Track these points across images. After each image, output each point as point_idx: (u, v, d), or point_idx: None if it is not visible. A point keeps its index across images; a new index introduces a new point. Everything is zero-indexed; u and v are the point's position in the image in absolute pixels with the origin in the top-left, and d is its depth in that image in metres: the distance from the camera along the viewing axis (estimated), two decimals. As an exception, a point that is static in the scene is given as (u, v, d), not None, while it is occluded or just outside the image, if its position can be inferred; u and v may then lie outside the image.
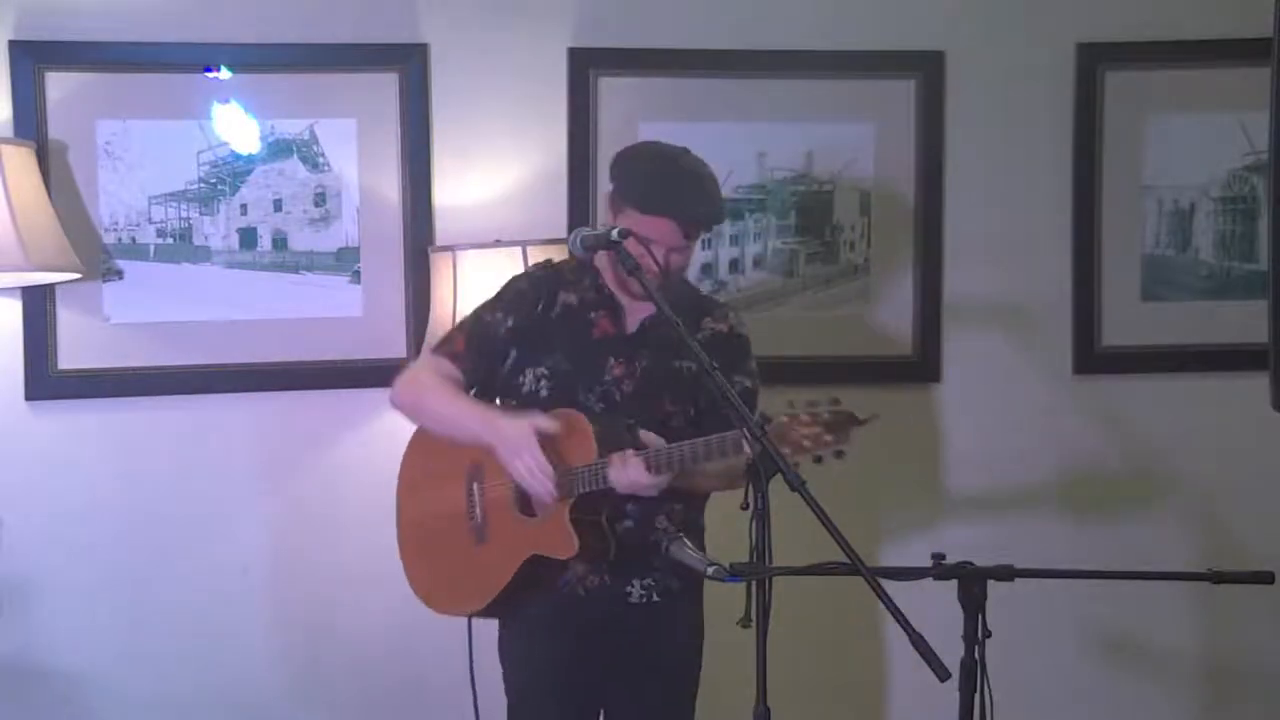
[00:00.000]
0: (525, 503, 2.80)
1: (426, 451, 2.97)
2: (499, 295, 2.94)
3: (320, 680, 3.59)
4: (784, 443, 2.36)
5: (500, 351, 2.89)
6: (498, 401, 2.98)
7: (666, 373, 2.86)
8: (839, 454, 2.42)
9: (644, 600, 2.86)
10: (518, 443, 2.69)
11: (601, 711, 2.98)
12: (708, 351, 2.52)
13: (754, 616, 2.24)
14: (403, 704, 3.62)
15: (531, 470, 2.68)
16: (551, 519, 2.74)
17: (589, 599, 2.84)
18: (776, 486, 2.28)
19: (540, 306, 2.87)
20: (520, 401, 2.87)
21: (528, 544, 2.78)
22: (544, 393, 2.84)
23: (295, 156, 3.54)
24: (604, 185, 3.49)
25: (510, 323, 2.88)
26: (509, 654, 2.96)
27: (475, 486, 2.88)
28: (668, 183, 2.80)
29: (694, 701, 2.97)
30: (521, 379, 2.87)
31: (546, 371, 2.85)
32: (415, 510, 3.01)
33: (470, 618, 2.91)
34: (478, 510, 2.88)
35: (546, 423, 2.70)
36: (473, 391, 2.91)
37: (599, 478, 2.66)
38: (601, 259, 2.84)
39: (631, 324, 2.88)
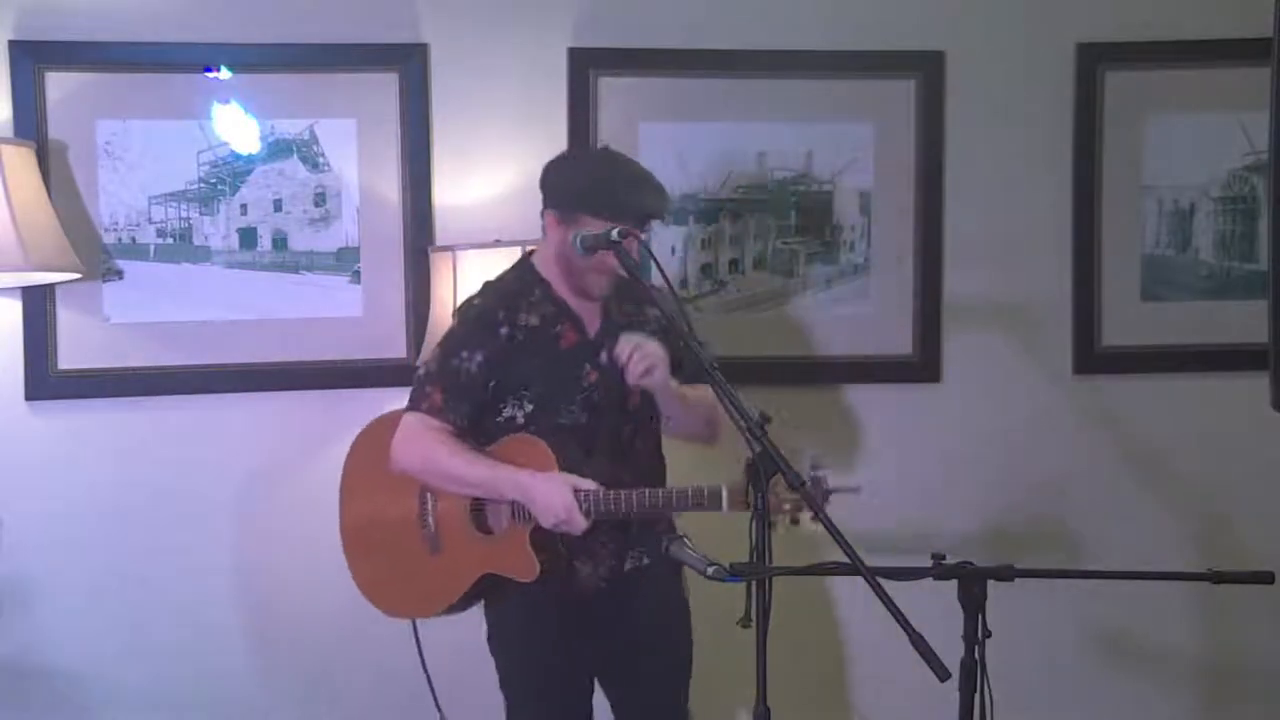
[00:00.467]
0: (481, 520, 2.87)
1: (374, 457, 2.98)
2: (458, 333, 2.91)
3: (320, 679, 3.59)
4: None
5: (480, 389, 2.86)
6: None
7: None
8: (795, 520, 2.58)
9: (635, 566, 2.92)
10: (559, 510, 2.71)
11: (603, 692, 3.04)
12: (662, 336, 2.79)
13: (754, 616, 2.24)
14: (403, 702, 3.62)
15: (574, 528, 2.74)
16: (510, 540, 2.80)
17: (589, 584, 2.89)
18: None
19: (505, 330, 2.86)
20: (494, 429, 2.87)
21: (484, 562, 2.85)
22: (520, 419, 2.86)
23: (295, 156, 3.54)
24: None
25: (480, 357, 2.85)
26: (501, 638, 2.97)
27: (429, 496, 2.92)
28: (619, 185, 2.82)
29: (690, 665, 3.02)
30: (501, 406, 2.87)
31: (526, 392, 2.86)
32: (361, 512, 3.05)
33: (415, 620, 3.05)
34: (431, 520, 2.92)
35: (586, 483, 2.73)
36: None
37: None
38: (547, 267, 2.90)
39: (593, 328, 2.91)
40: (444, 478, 2.86)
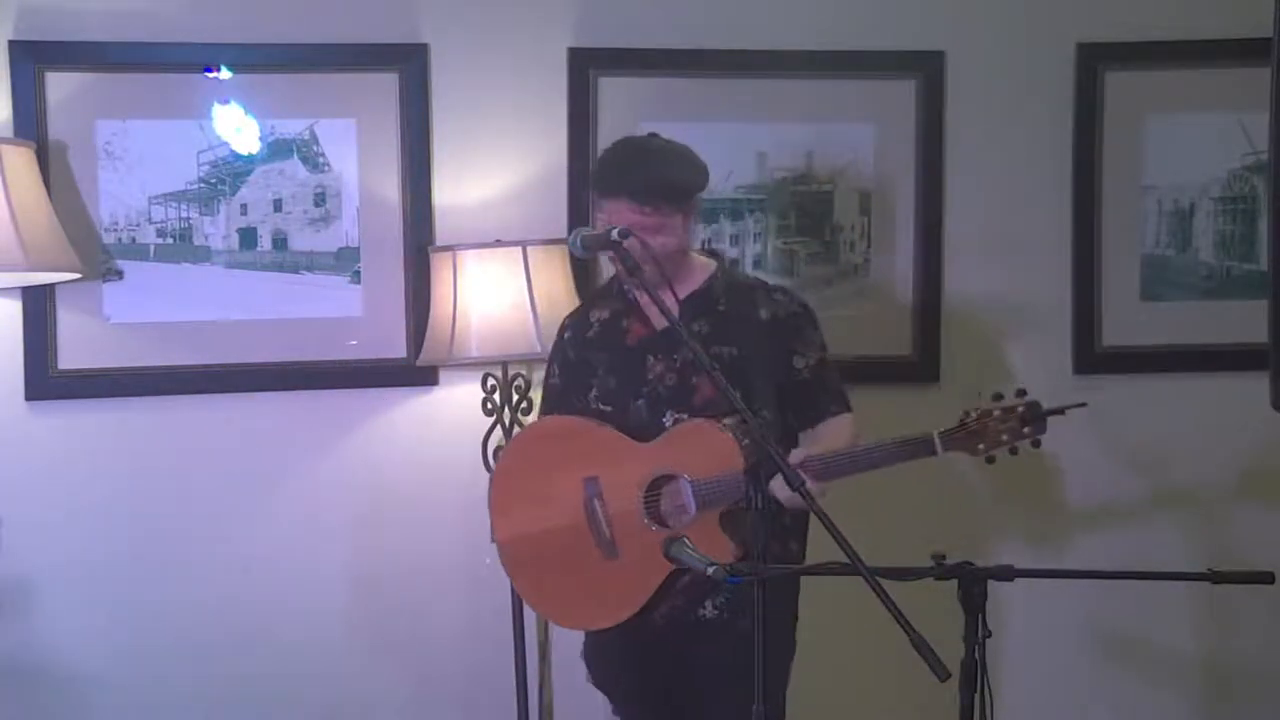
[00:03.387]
0: (656, 513, 2.80)
1: (526, 468, 2.95)
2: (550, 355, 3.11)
3: (320, 680, 3.59)
4: (982, 438, 2.65)
5: (565, 398, 3.02)
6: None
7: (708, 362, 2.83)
8: (1036, 443, 2.72)
9: (718, 615, 2.85)
10: None
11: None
12: (768, 338, 2.79)
13: (754, 616, 2.24)
14: (402, 704, 3.62)
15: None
16: (700, 529, 2.71)
17: (661, 622, 2.84)
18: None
19: (567, 334, 3.01)
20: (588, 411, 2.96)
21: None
22: (603, 413, 2.93)
23: (295, 156, 3.54)
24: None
25: (557, 370, 3.05)
26: (594, 669, 3.07)
27: (596, 502, 2.85)
28: (614, 162, 2.89)
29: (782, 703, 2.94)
30: (590, 402, 2.96)
31: (598, 393, 2.93)
32: (521, 526, 2.94)
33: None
34: (603, 525, 2.84)
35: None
36: None
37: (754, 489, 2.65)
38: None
39: (659, 322, 2.87)
40: None
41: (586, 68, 3.58)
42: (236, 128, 3.50)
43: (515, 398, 3.44)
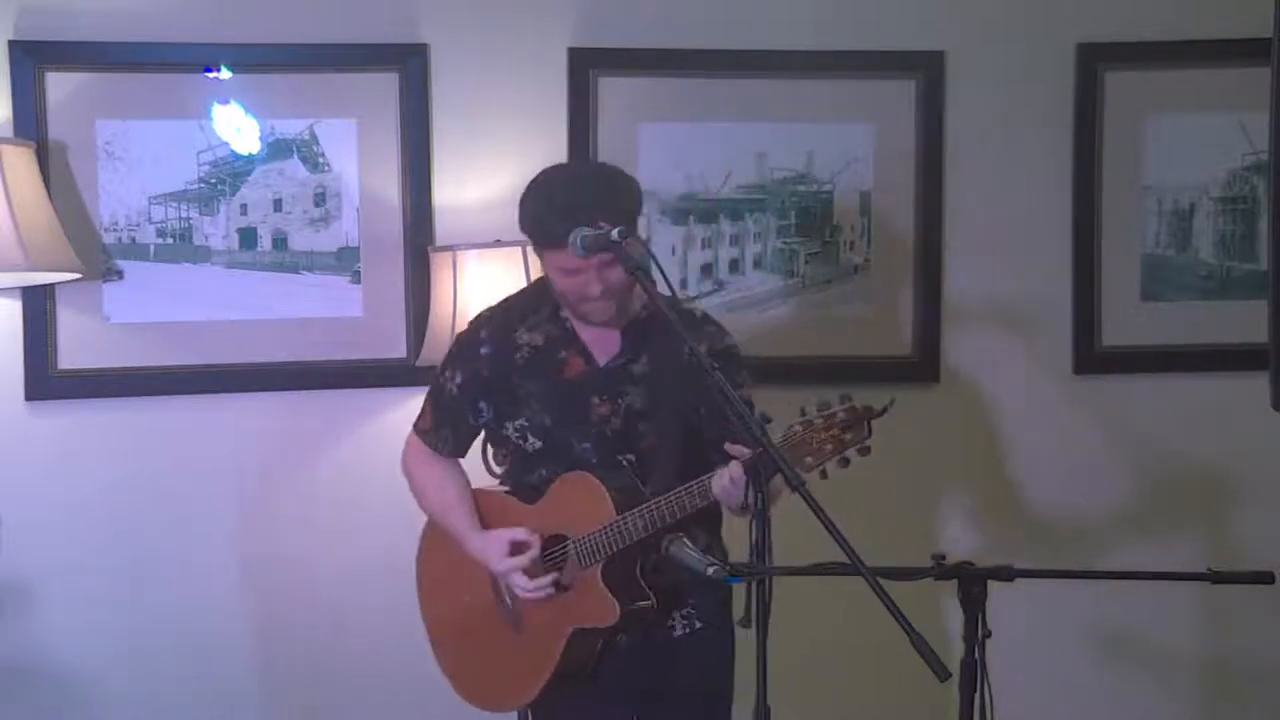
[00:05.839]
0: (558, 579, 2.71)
1: (442, 547, 2.91)
2: (450, 350, 2.87)
3: (320, 681, 3.59)
4: (806, 451, 2.37)
5: (461, 412, 2.82)
6: (489, 450, 3.03)
7: (652, 405, 2.72)
8: (864, 451, 2.43)
9: (687, 631, 2.77)
10: (493, 563, 2.73)
11: None
12: (698, 372, 2.48)
13: (754, 616, 2.24)
14: (403, 704, 3.62)
15: (516, 586, 2.71)
16: (584, 588, 2.65)
17: (626, 649, 2.74)
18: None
19: (485, 350, 2.76)
20: (512, 453, 2.81)
21: (567, 620, 2.69)
22: (531, 448, 2.76)
23: (295, 156, 3.54)
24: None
25: (459, 378, 2.80)
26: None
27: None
28: (559, 206, 2.63)
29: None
30: (505, 431, 2.78)
31: (527, 424, 2.75)
32: (442, 609, 2.94)
33: (528, 709, 2.83)
34: (507, 598, 2.79)
35: (521, 534, 2.70)
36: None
37: (626, 535, 2.59)
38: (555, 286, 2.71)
39: (601, 356, 2.74)
40: (419, 502, 2.91)
41: (586, 68, 3.58)
42: (236, 128, 3.51)
43: (515, 398, 3.44)
